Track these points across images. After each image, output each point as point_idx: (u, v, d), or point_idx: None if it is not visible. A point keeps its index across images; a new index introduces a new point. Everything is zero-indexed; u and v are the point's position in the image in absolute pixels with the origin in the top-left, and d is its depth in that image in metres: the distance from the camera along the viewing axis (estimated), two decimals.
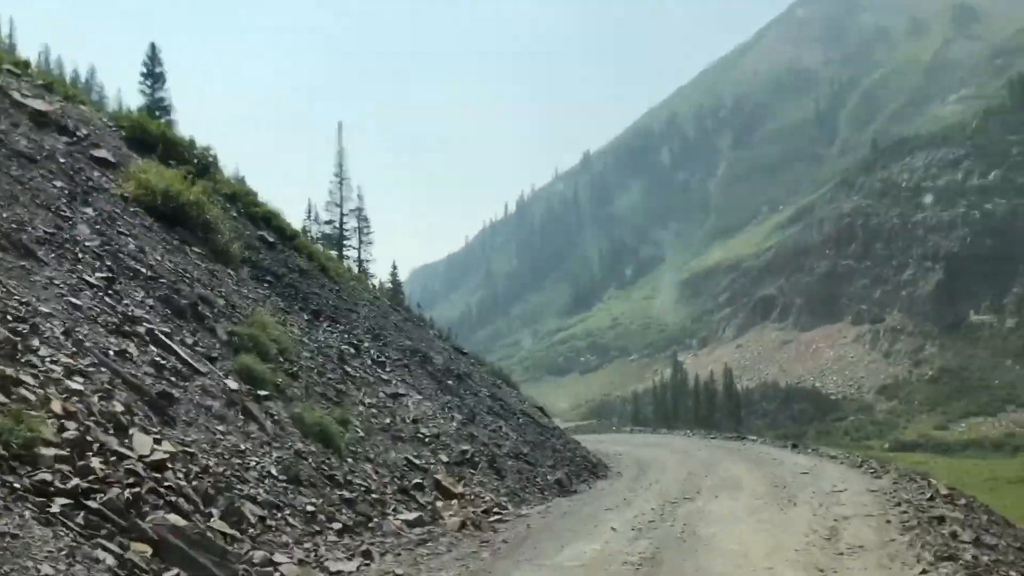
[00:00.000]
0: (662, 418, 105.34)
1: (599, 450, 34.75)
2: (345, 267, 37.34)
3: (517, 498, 18.61)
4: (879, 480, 22.67)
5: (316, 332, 19.94)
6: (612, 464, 30.48)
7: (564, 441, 29.74)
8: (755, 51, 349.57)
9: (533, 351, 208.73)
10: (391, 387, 20.23)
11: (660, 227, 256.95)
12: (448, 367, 26.99)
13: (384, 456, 15.88)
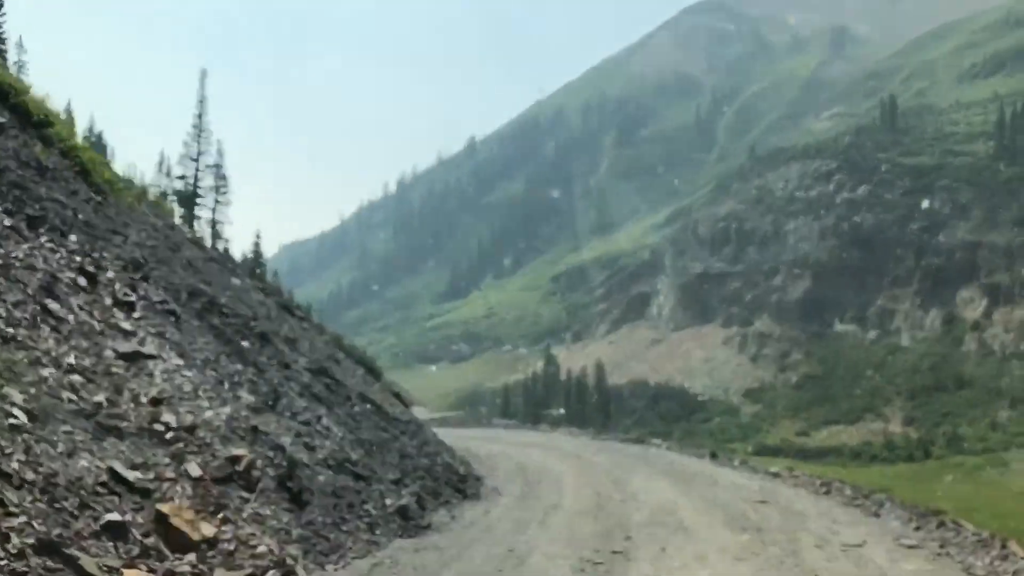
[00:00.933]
0: (532, 412, 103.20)
1: (468, 450, 27.39)
2: (121, 176, 26.73)
3: (323, 545, 11.26)
4: (892, 523, 16.37)
5: (17, 245, 12.32)
6: (486, 474, 22.82)
7: (421, 441, 22.53)
8: (642, 54, 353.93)
9: (404, 337, 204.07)
10: (130, 342, 12.43)
11: (541, 219, 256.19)
12: (249, 324, 19.12)
13: (62, 464, 8.23)
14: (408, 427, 23.10)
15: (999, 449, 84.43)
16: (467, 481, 19.52)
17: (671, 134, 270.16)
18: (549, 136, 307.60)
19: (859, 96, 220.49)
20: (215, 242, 52.21)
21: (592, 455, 28.95)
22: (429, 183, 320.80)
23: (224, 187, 55.48)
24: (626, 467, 24.93)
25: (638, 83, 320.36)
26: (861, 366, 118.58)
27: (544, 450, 30.49)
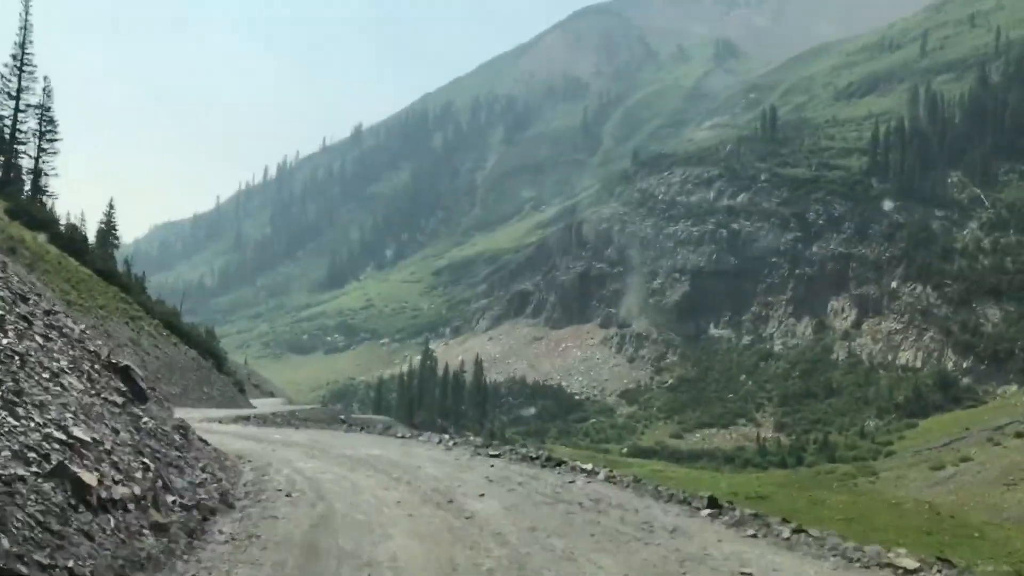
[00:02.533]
0: (407, 408, 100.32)
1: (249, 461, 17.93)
2: None
3: None
4: None
5: None
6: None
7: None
8: (533, 53, 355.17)
9: (277, 326, 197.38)
10: None
11: (425, 211, 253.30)
12: None
13: None
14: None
15: (868, 457, 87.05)
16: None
17: (557, 134, 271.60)
18: (437, 129, 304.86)
19: (740, 108, 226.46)
20: (36, 194, 47.27)
21: (481, 503, 12.10)
22: (311, 169, 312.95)
23: (52, 132, 49.11)
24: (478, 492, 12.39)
25: (527, 82, 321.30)
26: (735, 371, 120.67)
27: (388, 479, 13.91)
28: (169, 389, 33.91)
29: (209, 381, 44.49)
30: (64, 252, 40.32)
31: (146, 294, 53.50)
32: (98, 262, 44.12)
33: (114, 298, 40.47)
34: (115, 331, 34.89)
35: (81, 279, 38.50)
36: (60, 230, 43.61)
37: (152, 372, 33.61)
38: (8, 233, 34.45)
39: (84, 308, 33.43)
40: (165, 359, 38.84)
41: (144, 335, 39.12)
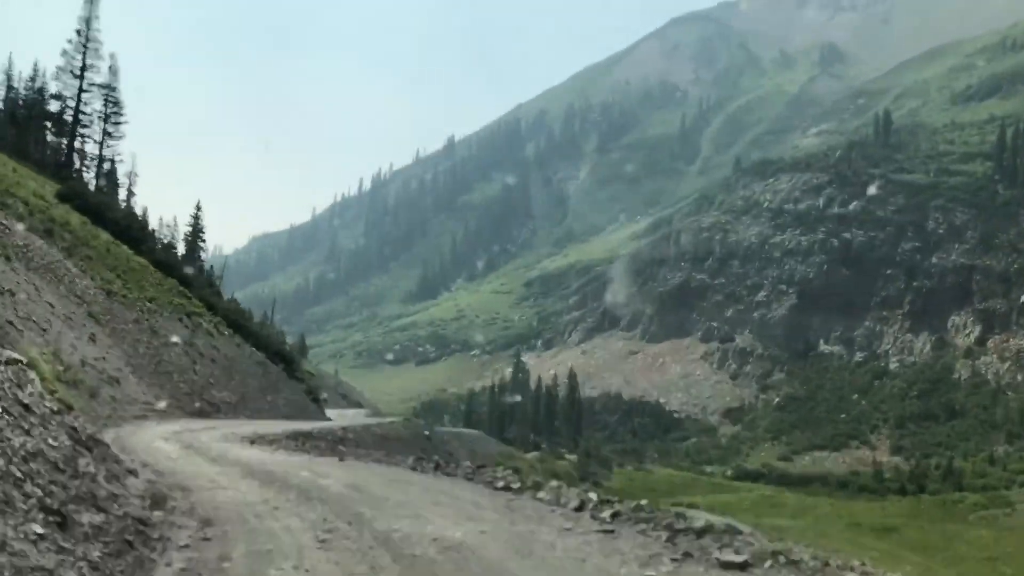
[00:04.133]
0: (497, 421, 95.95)
1: None
2: None
3: None
4: None
5: None
6: None
7: None
8: (628, 62, 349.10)
9: (369, 335, 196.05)
10: None
11: (517, 222, 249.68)
12: None
13: None
14: None
15: (1000, 486, 78.59)
16: None
17: (653, 143, 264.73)
18: (530, 139, 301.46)
19: (848, 113, 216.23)
20: (100, 181, 44.16)
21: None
22: (404, 181, 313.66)
23: (117, 115, 45.80)
24: None
25: (622, 90, 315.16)
26: (847, 389, 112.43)
27: None
28: (222, 397, 29.96)
29: (275, 388, 40.36)
30: (118, 240, 37.32)
31: (214, 288, 49.49)
32: (157, 253, 40.78)
33: (169, 291, 37.04)
34: (163, 327, 31.44)
35: (131, 269, 35.26)
36: (116, 217, 40.38)
37: (203, 377, 29.82)
38: (50, 215, 31.45)
39: (127, 300, 30.08)
40: (223, 362, 35.11)
41: (200, 334, 35.64)
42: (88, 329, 24.27)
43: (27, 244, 25.37)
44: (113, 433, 16.00)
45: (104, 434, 15.14)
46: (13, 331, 16.27)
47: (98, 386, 20.10)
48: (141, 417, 21.75)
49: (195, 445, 16.27)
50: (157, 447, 15.24)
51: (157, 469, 11.92)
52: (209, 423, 24.13)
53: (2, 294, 18.03)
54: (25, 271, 22.57)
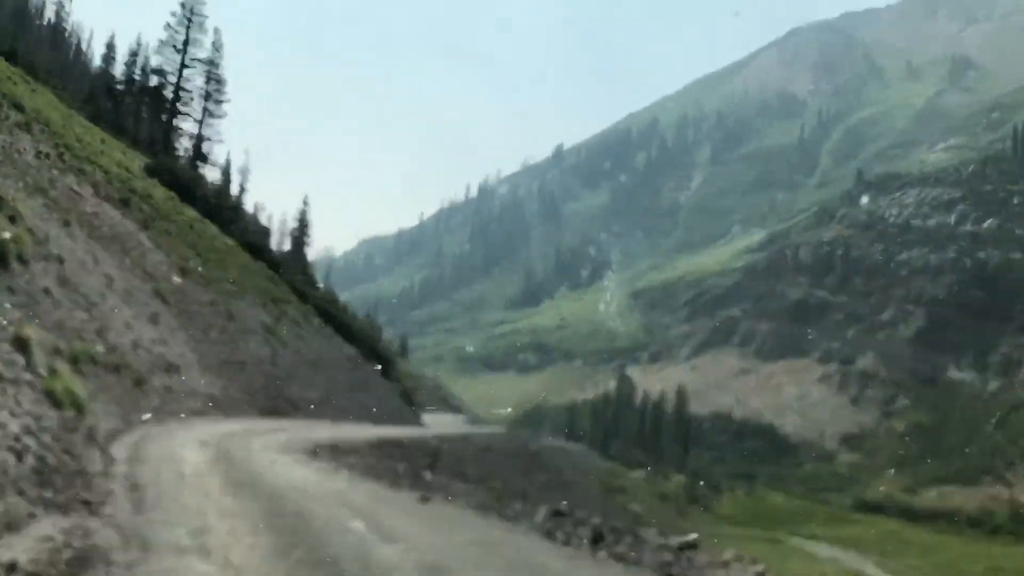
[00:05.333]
0: (600, 436, 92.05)
1: None
2: None
3: None
4: None
5: None
6: None
7: None
8: (746, 71, 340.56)
9: (471, 341, 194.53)
10: None
11: (624, 232, 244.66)
12: None
13: None
14: None
15: None
16: None
17: (770, 154, 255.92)
18: (640, 148, 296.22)
19: (980, 128, 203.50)
20: (196, 161, 42.24)
21: None
22: (512, 188, 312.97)
23: (218, 92, 43.79)
24: None
25: (739, 100, 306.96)
26: (979, 420, 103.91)
27: None
28: (303, 394, 27.13)
29: (366, 388, 37.11)
30: (207, 219, 35.42)
31: (306, 275, 46.96)
32: (247, 235, 38.72)
33: (255, 275, 34.67)
34: (242, 312, 28.93)
35: (214, 248, 33.17)
36: (207, 195, 38.51)
37: (282, 370, 27.00)
38: (131, 185, 29.54)
39: (204, 279, 27.68)
40: (308, 355, 32.30)
41: (285, 323, 32.97)
42: (151, 307, 21.78)
43: (97, 212, 23.28)
44: (140, 433, 13.60)
45: (126, 434, 12.93)
46: (46, 301, 13.82)
47: (149, 373, 17.56)
48: (198, 413, 18.98)
49: (233, 457, 13.06)
50: (177, 458, 12.05)
51: (125, 503, 8.41)
52: (279, 424, 21.16)
53: (47, 259, 15.51)
54: (85, 239, 20.20)
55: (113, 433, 12.27)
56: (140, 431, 13.91)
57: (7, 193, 15.32)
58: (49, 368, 10.15)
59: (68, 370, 11.69)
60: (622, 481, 52.16)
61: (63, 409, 9.34)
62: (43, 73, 38.89)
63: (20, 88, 30.45)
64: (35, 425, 7.91)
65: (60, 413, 9.01)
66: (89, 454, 9.30)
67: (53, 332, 12.79)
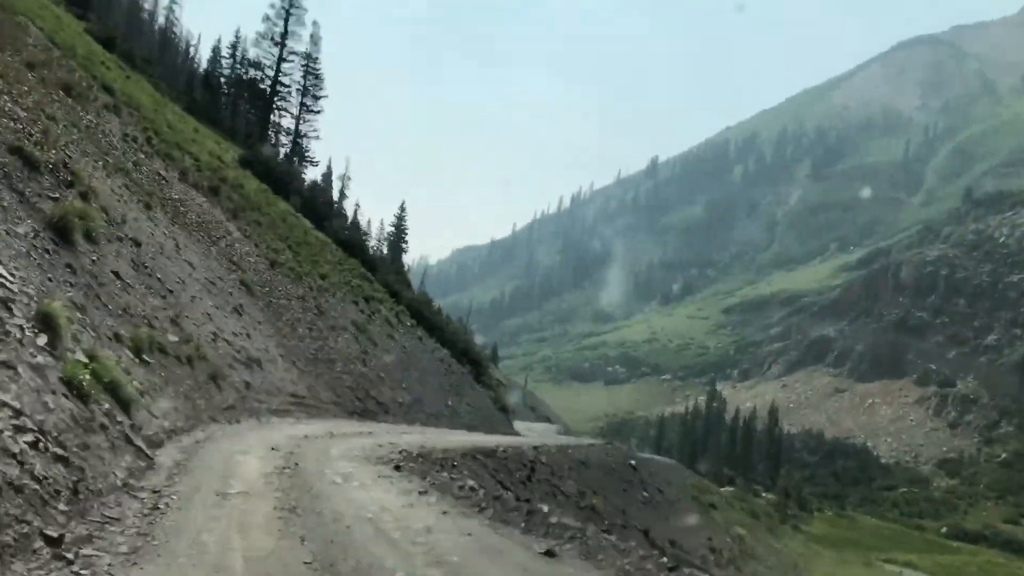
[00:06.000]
0: (689, 450, 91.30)
1: None
2: None
3: None
4: None
5: None
6: None
7: None
8: (848, 86, 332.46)
9: (559, 351, 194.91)
10: None
11: (719, 246, 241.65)
12: None
13: None
14: None
15: None
16: None
17: (872, 170, 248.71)
18: (738, 162, 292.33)
19: None
20: (293, 156, 43.19)
21: None
22: (604, 200, 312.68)
23: (316, 87, 44.64)
24: None
25: (840, 115, 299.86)
26: None
27: None
28: (393, 395, 27.00)
29: (458, 392, 36.56)
30: (299, 214, 36.21)
31: (401, 275, 47.10)
32: (342, 232, 39.59)
33: (348, 272, 35.08)
34: (334, 309, 28.72)
35: (306, 242, 33.65)
36: (300, 188, 39.40)
37: (373, 370, 26.89)
38: (222, 175, 30.24)
39: (295, 273, 27.89)
40: (400, 355, 31.80)
41: (378, 321, 32.72)
42: (235, 299, 20.84)
43: (183, 199, 23.22)
44: (204, 434, 12.51)
45: (185, 435, 11.76)
46: (114, 284, 13.05)
47: (227, 367, 16.66)
48: (280, 412, 17.80)
49: (302, 468, 10.71)
50: (232, 469, 10.08)
51: (118, 542, 6.39)
52: (366, 427, 19.55)
53: (120, 241, 14.91)
54: (168, 224, 19.80)
55: (170, 433, 11.14)
56: (205, 431, 12.75)
57: (82, 170, 14.83)
58: (88, 353, 9.13)
59: (126, 358, 11.16)
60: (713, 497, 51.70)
61: (88, 402, 7.95)
62: (140, 62, 39.45)
63: (113, 73, 30.28)
64: (33, 421, 6.49)
65: (82, 407, 7.74)
66: (113, 460, 7.81)
67: (116, 317, 12.04)
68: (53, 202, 12.30)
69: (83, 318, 10.55)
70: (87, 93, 22.04)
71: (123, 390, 9.50)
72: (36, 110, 15.31)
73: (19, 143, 12.64)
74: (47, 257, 10.84)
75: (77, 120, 18.75)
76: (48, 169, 13.23)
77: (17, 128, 13.26)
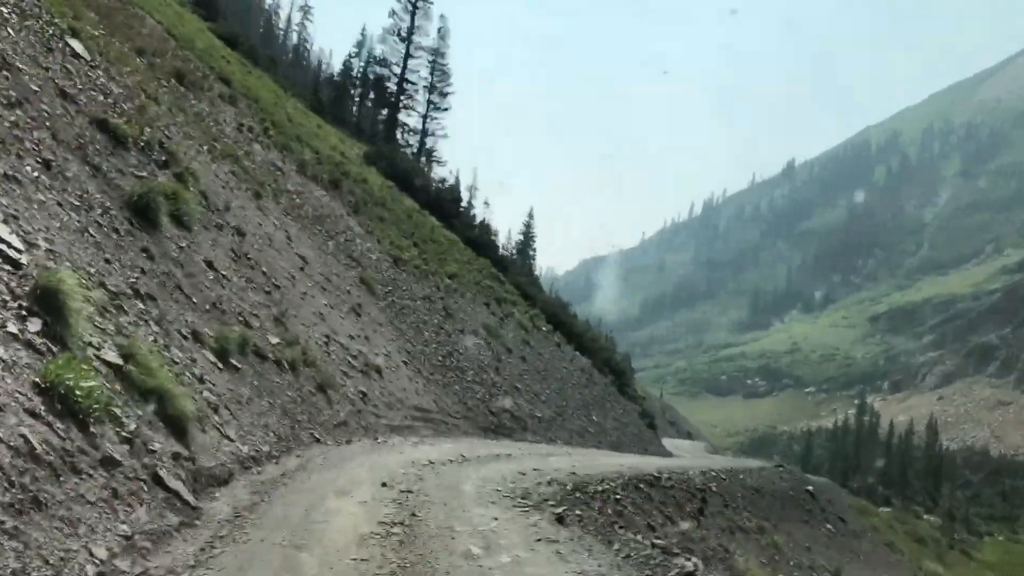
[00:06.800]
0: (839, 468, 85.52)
1: None
2: None
3: None
4: None
5: None
6: None
7: None
8: (998, 79, 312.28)
9: (694, 364, 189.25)
10: None
11: (862, 251, 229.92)
12: None
13: None
14: None
15: None
16: None
17: None
18: (880, 162, 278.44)
19: None
20: (420, 156, 41.36)
21: None
22: (738, 206, 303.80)
23: (443, 83, 42.99)
24: None
25: (992, 110, 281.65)
26: None
27: None
28: (530, 409, 24.57)
29: (602, 406, 33.52)
30: (425, 211, 34.71)
31: (533, 278, 44.81)
32: (468, 230, 37.66)
33: (477, 271, 33.09)
34: (462, 311, 26.59)
35: (433, 239, 32.00)
36: (427, 186, 37.74)
37: (507, 381, 24.49)
38: (344, 169, 28.96)
39: (420, 271, 26.04)
40: (537, 363, 29.31)
41: (511, 325, 30.35)
42: (354, 297, 18.96)
43: (300, 191, 21.67)
44: (297, 461, 9.92)
45: (271, 463, 9.31)
46: (204, 274, 11.39)
47: (341, 374, 14.60)
48: (401, 429, 15.62)
49: (423, 523, 7.74)
50: (315, 523, 7.23)
51: None
52: (502, 446, 17.32)
53: (220, 228, 13.55)
54: (280, 215, 18.20)
55: (247, 462, 8.69)
56: (302, 455, 10.33)
57: (180, 151, 13.53)
58: (124, 351, 7.09)
59: (204, 361, 9.29)
60: (872, 520, 47.28)
61: (86, 421, 5.65)
62: (264, 61, 39.08)
63: (233, 67, 29.50)
64: None
65: (66, 430, 5.40)
66: (100, 524, 5.16)
67: (200, 312, 10.41)
68: (138, 180, 10.77)
69: (144, 308, 8.72)
70: (201, 82, 21.08)
71: (174, 403, 7.25)
72: (135, 89, 13.98)
73: (103, 115, 11.16)
74: (114, 237, 9.17)
75: (186, 106, 17.64)
76: (138, 146, 11.79)
77: (106, 102, 11.82)
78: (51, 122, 9.39)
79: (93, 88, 11.72)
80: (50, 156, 8.73)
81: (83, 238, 8.29)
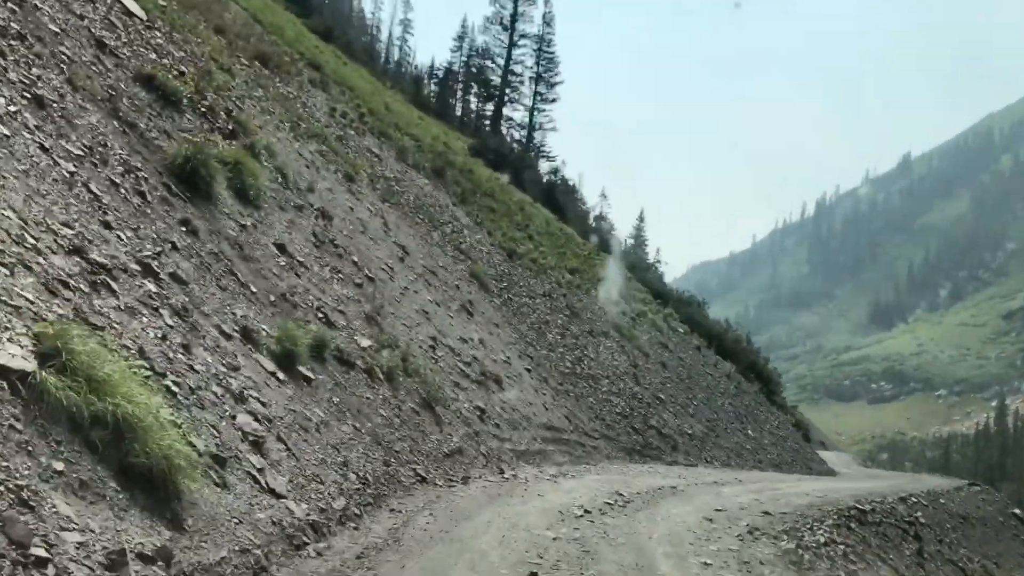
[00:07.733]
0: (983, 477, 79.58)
1: None
2: None
3: None
4: None
5: None
6: None
7: None
8: None
9: (814, 368, 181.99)
10: None
11: (991, 245, 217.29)
12: None
13: None
14: None
15: None
16: None
17: None
18: (1005, 151, 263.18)
19: None
20: (529, 150, 39.49)
21: None
22: (852, 204, 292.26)
23: (550, 73, 40.71)
24: None
25: None
26: None
27: None
28: (681, 424, 21.95)
29: (754, 417, 29.91)
30: (537, 203, 33.14)
31: (657, 273, 42.05)
32: (586, 223, 35.86)
33: (600, 267, 30.88)
34: (587, 309, 24.23)
35: (549, 232, 30.36)
36: (537, 178, 36.01)
37: (649, 391, 22.02)
38: (449, 159, 27.45)
39: (538, 266, 24.13)
40: (676, 368, 26.50)
41: (644, 326, 27.87)
42: (464, 293, 16.95)
43: (399, 178, 20.02)
44: (397, 515, 7.68)
45: (359, 524, 6.95)
46: (273, 261, 9.68)
47: (452, 386, 12.28)
48: (531, 456, 13.11)
49: None
50: None
51: None
52: (660, 476, 14.32)
53: (300, 210, 11.88)
54: (376, 200, 16.49)
55: (300, 533, 6.14)
56: (399, 508, 7.94)
57: (251, 123, 12.08)
58: (90, 356, 4.55)
59: (257, 371, 7.26)
60: None
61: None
62: (361, 55, 38.01)
63: (326, 56, 28.30)
64: None
65: None
66: None
67: (260, 305, 8.53)
68: (188, 143, 9.15)
69: (158, 292, 6.72)
70: (289, 67, 19.83)
71: (145, 441, 4.54)
72: (204, 58, 12.71)
73: (152, 71, 9.82)
74: (134, 201, 7.45)
75: (268, 84, 16.32)
76: (196, 110, 10.37)
77: (158, 62, 10.49)
78: (70, 68, 7.98)
79: (144, 46, 10.46)
80: (49, 96, 7.20)
81: (70, 191, 6.47)
